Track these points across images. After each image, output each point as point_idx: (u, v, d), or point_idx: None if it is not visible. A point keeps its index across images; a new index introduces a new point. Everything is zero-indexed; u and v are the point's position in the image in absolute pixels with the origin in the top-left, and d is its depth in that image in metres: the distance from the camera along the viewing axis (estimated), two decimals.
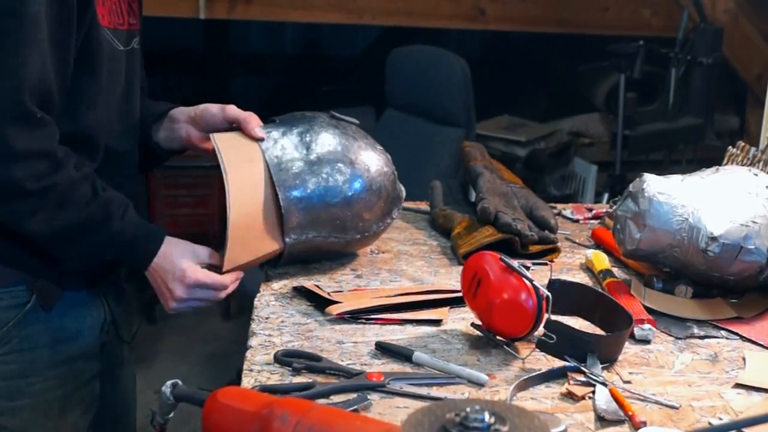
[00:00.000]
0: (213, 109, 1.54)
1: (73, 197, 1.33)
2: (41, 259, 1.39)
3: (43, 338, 1.43)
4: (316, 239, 1.47)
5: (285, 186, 1.43)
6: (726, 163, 1.75)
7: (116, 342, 1.62)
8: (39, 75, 1.28)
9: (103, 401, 1.57)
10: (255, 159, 1.44)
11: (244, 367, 1.19)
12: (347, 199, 1.46)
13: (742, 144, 1.75)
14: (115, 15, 1.45)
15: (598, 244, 1.73)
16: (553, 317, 1.21)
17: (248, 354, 1.23)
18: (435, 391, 1.14)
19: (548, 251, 1.64)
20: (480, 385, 1.16)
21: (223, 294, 1.47)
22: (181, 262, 1.43)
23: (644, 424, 1.07)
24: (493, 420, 0.77)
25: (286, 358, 1.19)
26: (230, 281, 1.46)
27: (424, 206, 1.91)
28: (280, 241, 1.45)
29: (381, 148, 1.55)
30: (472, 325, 1.30)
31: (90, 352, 1.52)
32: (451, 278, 1.53)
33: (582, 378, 1.16)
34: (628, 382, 1.18)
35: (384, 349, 1.24)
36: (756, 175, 1.47)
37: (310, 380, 1.15)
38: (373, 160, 1.50)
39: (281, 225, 1.44)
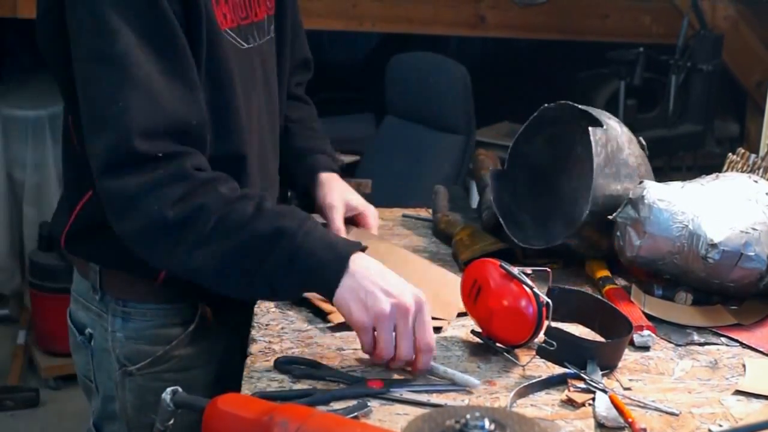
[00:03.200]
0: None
1: (229, 218, 1.17)
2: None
3: (201, 358, 1.43)
4: None
5: None
6: (726, 170, 1.75)
7: None
8: (149, 115, 1.16)
9: None
10: None
11: (244, 373, 1.19)
12: None
13: (742, 151, 1.75)
14: (240, 9, 1.32)
15: None
16: (553, 324, 1.21)
17: (248, 361, 1.23)
18: (435, 398, 1.14)
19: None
20: (469, 391, 1.15)
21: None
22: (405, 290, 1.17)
23: (644, 431, 1.07)
24: (493, 427, 0.77)
25: (286, 365, 1.19)
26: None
27: (424, 213, 1.91)
28: None
29: None
30: (472, 332, 1.29)
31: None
32: None
33: (582, 385, 1.16)
34: (628, 388, 1.18)
35: None
36: (756, 182, 1.47)
37: (310, 387, 1.15)
38: None
39: None
